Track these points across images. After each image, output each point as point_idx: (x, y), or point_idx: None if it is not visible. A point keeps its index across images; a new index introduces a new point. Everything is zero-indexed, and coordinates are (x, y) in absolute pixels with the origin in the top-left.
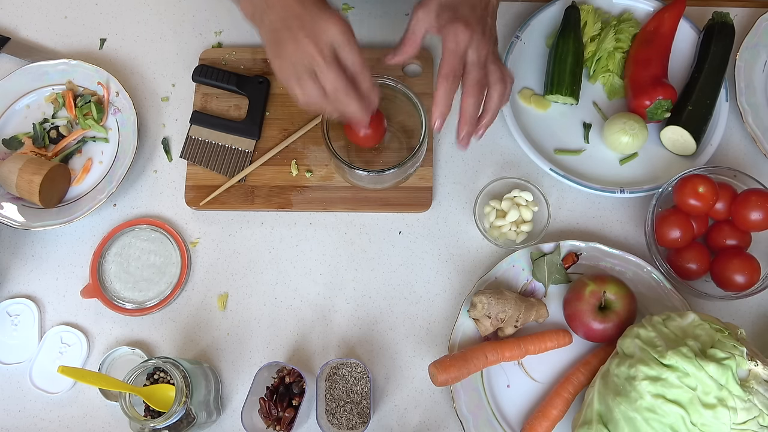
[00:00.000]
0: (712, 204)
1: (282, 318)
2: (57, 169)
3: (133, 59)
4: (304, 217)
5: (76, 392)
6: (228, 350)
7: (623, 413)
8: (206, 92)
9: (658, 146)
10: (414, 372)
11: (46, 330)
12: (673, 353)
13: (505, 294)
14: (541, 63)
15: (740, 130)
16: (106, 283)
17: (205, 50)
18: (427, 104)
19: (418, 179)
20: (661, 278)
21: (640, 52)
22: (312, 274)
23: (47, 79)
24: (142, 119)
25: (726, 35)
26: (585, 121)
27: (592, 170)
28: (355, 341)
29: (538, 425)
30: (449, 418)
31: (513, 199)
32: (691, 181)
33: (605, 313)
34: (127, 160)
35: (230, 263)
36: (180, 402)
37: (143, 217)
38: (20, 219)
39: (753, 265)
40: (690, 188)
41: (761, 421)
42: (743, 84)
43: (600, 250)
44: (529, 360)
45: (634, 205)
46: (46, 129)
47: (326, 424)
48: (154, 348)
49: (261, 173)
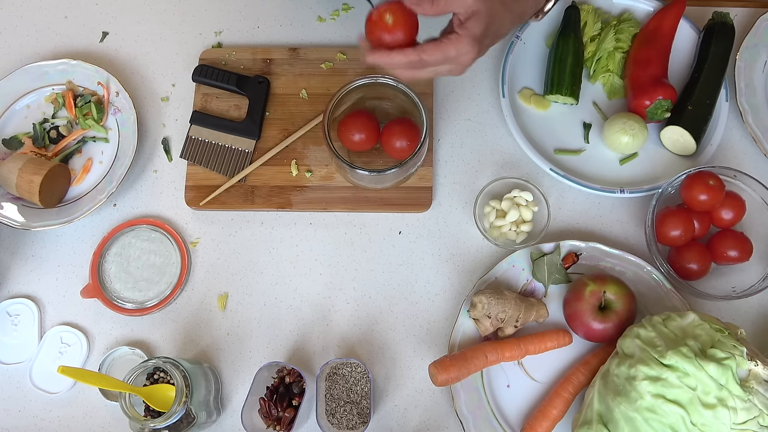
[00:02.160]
0: (719, 199)
1: (282, 318)
2: (57, 169)
3: (133, 59)
4: (304, 217)
5: (76, 392)
6: (228, 350)
7: (623, 413)
8: (206, 92)
9: (658, 146)
10: (414, 372)
11: (46, 330)
12: (673, 353)
13: (505, 294)
14: (541, 63)
15: (740, 130)
16: (106, 283)
17: (205, 50)
18: (428, 104)
19: (418, 179)
20: (661, 278)
21: (640, 52)
22: (312, 274)
23: (47, 79)
24: (142, 119)
25: (726, 35)
26: (585, 121)
27: (592, 170)
28: (355, 341)
29: (538, 425)
30: (449, 418)
31: (513, 199)
32: (700, 177)
33: (605, 313)
34: (127, 160)
35: (230, 263)
36: (180, 402)
37: (143, 217)
38: (20, 219)
39: (746, 244)
40: (700, 183)
41: (761, 421)
42: (743, 84)
43: (600, 250)
44: (529, 360)
45: (634, 205)
46: (46, 129)
47: (326, 424)
48: (154, 348)
49: (261, 173)
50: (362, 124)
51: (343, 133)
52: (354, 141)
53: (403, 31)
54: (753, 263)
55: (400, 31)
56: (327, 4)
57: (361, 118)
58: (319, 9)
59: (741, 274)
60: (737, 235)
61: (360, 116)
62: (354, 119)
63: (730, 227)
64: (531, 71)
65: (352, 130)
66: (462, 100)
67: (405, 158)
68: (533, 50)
